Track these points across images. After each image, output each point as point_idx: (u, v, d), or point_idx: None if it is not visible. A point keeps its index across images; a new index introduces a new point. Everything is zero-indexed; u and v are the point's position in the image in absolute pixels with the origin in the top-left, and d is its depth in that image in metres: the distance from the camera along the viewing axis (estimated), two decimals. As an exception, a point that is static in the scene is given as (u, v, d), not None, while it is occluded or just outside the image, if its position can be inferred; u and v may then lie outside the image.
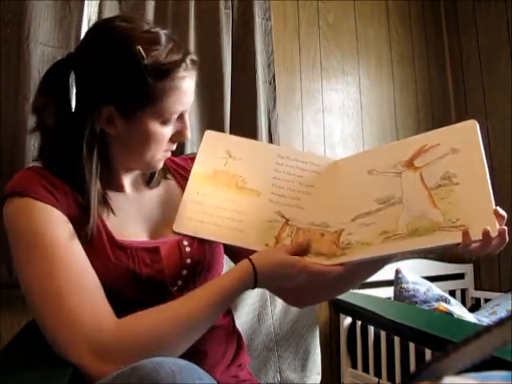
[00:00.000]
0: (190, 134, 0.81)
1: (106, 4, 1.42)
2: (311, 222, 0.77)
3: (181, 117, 0.78)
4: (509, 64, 2.27)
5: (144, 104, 0.73)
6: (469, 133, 0.75)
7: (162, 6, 1.52)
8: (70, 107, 0.77)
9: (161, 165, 0.83)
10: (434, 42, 2.53)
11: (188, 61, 0.74)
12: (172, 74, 0.72)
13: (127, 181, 0.84)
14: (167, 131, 0.77)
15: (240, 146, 0.86)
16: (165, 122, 0.75)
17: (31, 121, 0.81)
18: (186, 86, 0.75)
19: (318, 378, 1.17)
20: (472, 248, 0.66)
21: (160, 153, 0.79)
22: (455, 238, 0.66)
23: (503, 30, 2.31)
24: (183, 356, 0.67)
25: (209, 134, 0.87)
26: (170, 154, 0.83)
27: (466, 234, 0.65)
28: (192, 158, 0.87)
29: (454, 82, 2.53)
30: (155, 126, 0.75)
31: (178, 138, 0.80)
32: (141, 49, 0.70)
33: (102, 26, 0.77)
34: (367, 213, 0.75)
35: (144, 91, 0.71)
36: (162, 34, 0.75)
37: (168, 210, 0.84)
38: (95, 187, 0.74)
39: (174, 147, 0.82)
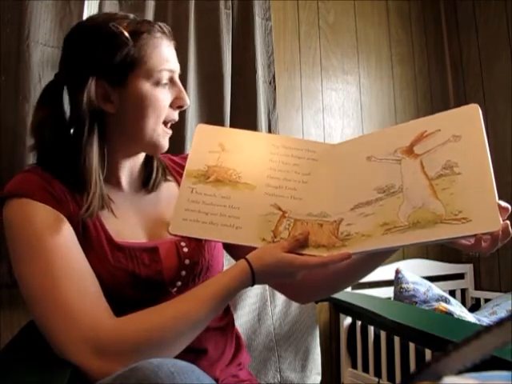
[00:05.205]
0: (189, 101, 0.83)
1: (105, 4, 1.41)
2: (309, 213, 0.75)
3: (173, 82, 0.80)
4: (509, 64, 2.27)
5: (130, 67, 0.75)
6: (471, 118, 0.72)
7: (162, 6, 1.52)
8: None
9: (164, 143, 0.81)
10: (434, 42, 2.53)
11: (160, 25, 0.79)
12: (147, 34, 0.77)
13: (124, 176, 0.83)
14: (163, 95, 0.78)
15: (233, 138, 0.83)
16: (157, 83, 0.77)
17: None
18: (165, 48, 0.78)
19: (318, 378, 1.17)
20: (480, 246, 0.67)
21: (160, 123, 0.79)
22: (457, 231, 0.64)
23: (503, 29, 2.31)
24: (183, 354, 0.67)
25: (201, 127, 0.85)
26: (170, 131, 0.82)
27: (478, 239, 0.66)
28: None
29: (453, 82, 2.53)
30: (148, 88, 0.76)
31: (177, 102, 0.81)
32: (114, 23, 0.76)
33: (79, 22, 0.85)
34: (367, 202, 0.73)
35: (126, 55, 0.74)
36: (133, 16, 0.80)
37: (167, 211, 0.83)
38: (97, 174, 0.74)
39: (176, 116, 0.82)
